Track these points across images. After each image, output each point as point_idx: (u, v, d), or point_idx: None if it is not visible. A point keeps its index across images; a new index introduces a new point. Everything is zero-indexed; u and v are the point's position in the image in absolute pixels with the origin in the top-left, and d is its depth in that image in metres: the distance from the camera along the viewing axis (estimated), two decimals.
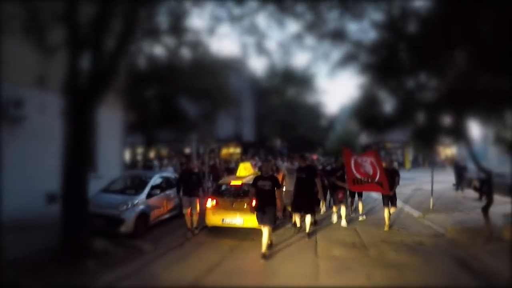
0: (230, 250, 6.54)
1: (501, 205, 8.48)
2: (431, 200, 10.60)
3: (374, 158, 8.20)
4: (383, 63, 6.98)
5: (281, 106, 29.24)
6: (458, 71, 7.33)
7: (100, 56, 5.68)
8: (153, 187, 8.14)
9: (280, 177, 7.93)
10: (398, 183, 8.42)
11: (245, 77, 25.94)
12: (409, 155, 32.04)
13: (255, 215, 6.35)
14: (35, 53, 6.41)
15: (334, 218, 8.88)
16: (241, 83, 24.58)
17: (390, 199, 8.24)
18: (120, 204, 7.16)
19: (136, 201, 7.46)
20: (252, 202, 6.48)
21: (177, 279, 5.20)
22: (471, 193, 12.96)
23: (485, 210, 7.49)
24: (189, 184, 7.72)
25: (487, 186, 9.53)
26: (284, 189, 7.76)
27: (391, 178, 8.13)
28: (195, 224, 7.76)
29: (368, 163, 8.16)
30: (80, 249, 5.52)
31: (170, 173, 10.61)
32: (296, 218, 7.86)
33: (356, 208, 9.74)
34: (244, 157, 18.77)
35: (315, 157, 21.08)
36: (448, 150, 27.71)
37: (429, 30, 7.03)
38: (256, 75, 28.14)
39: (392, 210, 8.37)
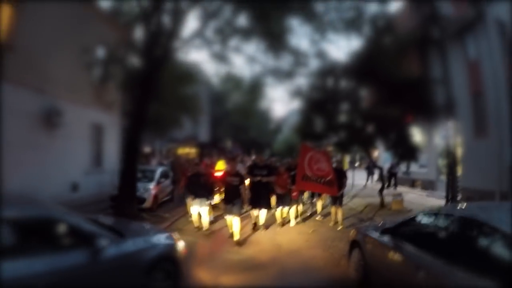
0: (220, 215, 10.29)
1: (405, 193, 13.44)
2: (352, 190, 15.54)
3: (325, 157, 8.98)
4: (317, 99, 11.54)
5: (234, 111, 33.34)
6: (367, 104, 12.08)
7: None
8: (159, 177, 11.90)
9: None
10: (345, 184, 9.49)
11: (202, 82, 29.55)
12: (347, 158, 38.00)
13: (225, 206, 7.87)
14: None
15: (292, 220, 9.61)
16: (198, 87, 28.15)
17: (337, 198, 9.19)
18: (142, 189, 10.79)
19: (150, 186, 11.18)
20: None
21: (194, 228, 9.08)
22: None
23: (380, 191, 12.32)
24: (198, 186, 8.37)
25: (388, 177, 14.32)
26: None
27: (339, 178, 8.97)
28: (205, 226, 8.58)
29: (324, 160, 8.83)
30: (132, 216, 9.12)
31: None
32: (253, 214, 8.79)
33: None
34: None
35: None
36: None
37: (348, 76, 11.65)
38: (212, 81, 31.93)
39: (339, 211, 9.30)
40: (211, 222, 9.08)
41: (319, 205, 10.76)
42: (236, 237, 7.62)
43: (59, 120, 11.11)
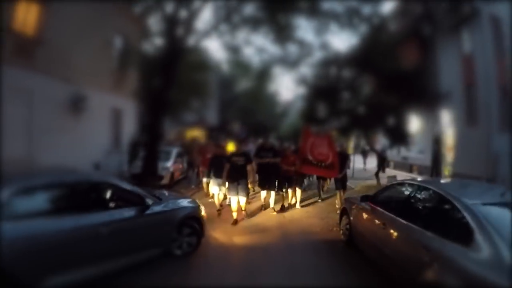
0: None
1: (403, 177, 14.66)
2: (353, 171, 16.79)
3: (328, 140, 9.21)
4: (321, 87, 12.74)
5: (243, 95, 34.43)
6: (367, 91, 13.25)
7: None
8: (175, 157, 13.26)
9: None
10: (348, 166, 10.03)
11: (212, 67, 30.54)
12: (351, 142, 39.08)
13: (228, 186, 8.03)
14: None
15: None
16: (208, 72, 29.12)
17: (341, 182, 9.52)
18: (160, 167, 12.14)
19: (168, 165, 12.54)
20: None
21: (208, 201, 10.39)
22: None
23: (376, 174, 13.57)
24: (220, 167, 8.32)
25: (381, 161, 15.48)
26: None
27: (342, 161, 9.32)
28: (222, 203, 9.07)
29: (325, 144, 9.08)
30: None
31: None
32: (261, 195, 9.26)
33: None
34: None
35: None
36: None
37: (349, 67, 12.79)
38: (221, 66, 32.93)
39: (342, 193, 9.58)
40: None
41: (323, 186, 11.49)
42: (243, 208, 8.28)
43: (84, 105, 12.38)
